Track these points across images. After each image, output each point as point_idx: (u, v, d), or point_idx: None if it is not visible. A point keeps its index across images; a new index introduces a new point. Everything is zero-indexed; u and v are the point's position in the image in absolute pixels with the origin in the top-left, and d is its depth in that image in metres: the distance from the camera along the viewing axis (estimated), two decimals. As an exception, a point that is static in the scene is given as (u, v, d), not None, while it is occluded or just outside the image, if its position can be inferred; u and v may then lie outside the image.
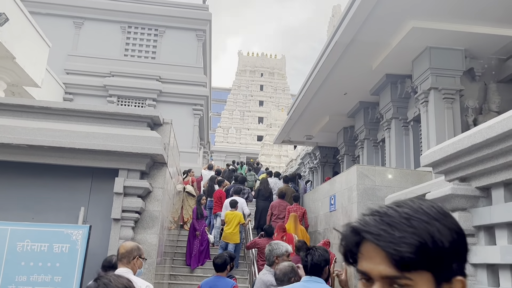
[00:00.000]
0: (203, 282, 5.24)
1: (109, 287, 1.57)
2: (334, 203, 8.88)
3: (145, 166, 6.19)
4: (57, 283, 5.12)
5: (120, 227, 6.06)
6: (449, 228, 0.73)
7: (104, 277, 1.64)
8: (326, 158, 15.61)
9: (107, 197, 6.19)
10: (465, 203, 3.54)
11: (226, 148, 43.58)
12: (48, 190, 6.22)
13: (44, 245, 5.23)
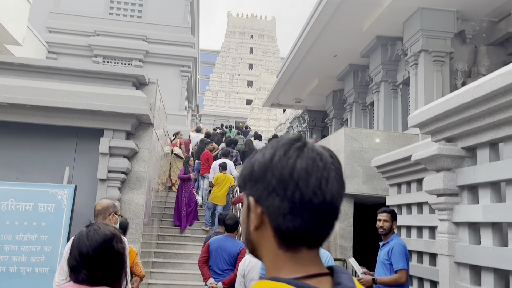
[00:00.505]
0: (212, 240, 5.19)
1: (98, 232, 1.71)
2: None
3: (130, 127, 6.10)
4: (43, 242, 5.12)
5: (106, 188, 6.03)
6: (257, 160, 0.81)
7: (94, 224, 1.78)
8: (314, 122, 15.61)
9: (92, 157, 6.11)
10: (450, 163, 3.55)
11: (215, 111, 43.33)
12: (32, 150, 6.12)
13: (28, 204, 5.19)
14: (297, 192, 0.75)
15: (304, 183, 0.75)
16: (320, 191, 0.75)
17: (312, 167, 0.76)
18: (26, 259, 5.05)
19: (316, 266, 0.77)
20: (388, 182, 6.31)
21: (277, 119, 32.54)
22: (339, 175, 0.79)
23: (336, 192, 0.77)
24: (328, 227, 0.79)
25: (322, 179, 0.76)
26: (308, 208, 0.75)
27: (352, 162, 7.65)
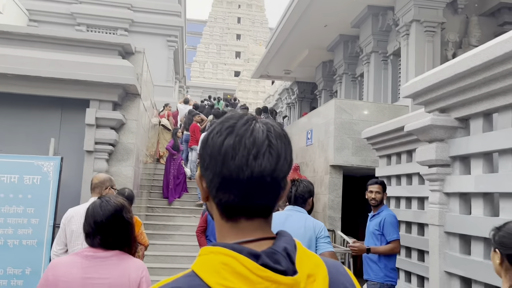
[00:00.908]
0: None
1: (110, 203, 1.97)
2: (311, 137, 8.90)
3: (117, 97, 5.94)
4: (30, 215, 5.03)
5: (93, 160, 5.92)
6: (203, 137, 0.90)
7: (106, 196, 2.04)
8: (303, 94, 15.49)
9: (78, 129, 5.97)
10: (443, 134, 3.52)
11: (202, 83, 42.78)
12: (16, 121, 5.95)
13: (13, 176, 5.07)
14: (225, 168, 0.78)
15: (230, 159, 0.78)
16: (246, 167, 0.78)
17: (239, 144, 0.78)
18: (13, 231, 4.97)
19: (258, 233, 0.81)
20: (378, 153, 6.32)
21: (266, 91, 32.33)
22: (274, 150, 0.80)
23: (267, 166, 0.79)
24: (263, 200, 0.81)
25: (250, 155, 0.78)
26: (236, 183, 0.78)
27: (342, 134, 7.63)
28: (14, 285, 4.88)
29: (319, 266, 0.83)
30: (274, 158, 0.80)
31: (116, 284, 1.83)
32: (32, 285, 4.90)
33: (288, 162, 0.83)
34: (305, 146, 9.23)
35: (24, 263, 4.95)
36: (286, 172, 0.83)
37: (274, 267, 0.74)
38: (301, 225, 2.90)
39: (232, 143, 0.79)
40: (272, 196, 0.82)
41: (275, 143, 0.80)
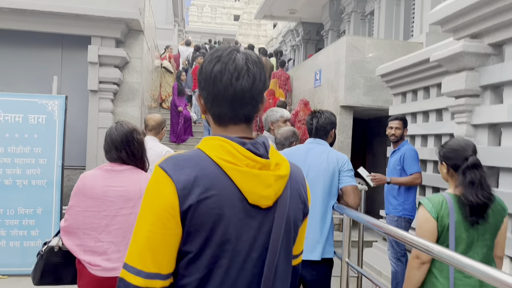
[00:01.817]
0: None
1: (123, 126, 2.35)
2: (320, 78, 8.64)
3: (120, 33, 5.64)
4: (38, 155, 4.91)
5: (98, 99, 5.73)
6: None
7: (120, 121, 2.41)
8: (309, 35, 14.95)
9: (81, 68, 5.73)
10: (474, 61, 3.30)
11: (201, 28, 41.54)
12: (16, 60, 5.68)
13: (18, 115, 4.89)
14: (215, 87, 1.06)
15: (218, 82, 1.05)
16: (231, 86, 1.04)
17: (224, 69, 1.05)
18: (21, 171, 4.87)
19: (242, 134, 1.09)
20: (392, 91, 6.11)
21: (268, 35, 31.43)
22: (251, 73, 1.06)
23: (246, 85, 1.05)
24: (244, 110, 1.08)
25: (232, 78, 1.04)
26: (224, 98, 1.06)
27: (353, 73, 7.36)
28: (26, 224, 4.86)
29: (284, 160, 1.12)
30: (251, 79, 1.06)
31: (130, 191, 2.26)
32: (44, 224, 4.89)
33: (262, 82, 1.09)
34: (313, 88, 8.99)
35: (35, 203, 4.89)
36: (261, 90, 1.10)
37: (254, 151, 1.04)
38: (324, 158, 2.75)
39: (219, 69, 1.05)
40: (252, 107, 1.09)
41: (252, 68, 1.07)
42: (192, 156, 1.04)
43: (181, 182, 0.98)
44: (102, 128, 5.67)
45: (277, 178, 1.06)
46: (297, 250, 1.22)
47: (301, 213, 1.16)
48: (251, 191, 1.03)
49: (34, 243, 4.87)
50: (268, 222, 1.06)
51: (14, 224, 4.84)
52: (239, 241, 1.02)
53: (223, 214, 1.00)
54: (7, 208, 4.81)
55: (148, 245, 0.99)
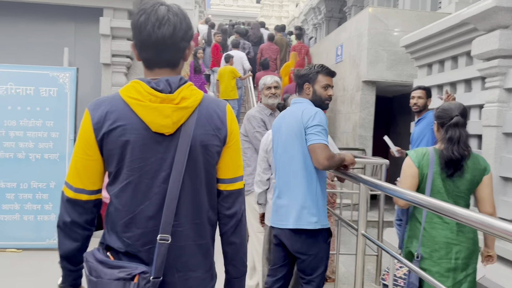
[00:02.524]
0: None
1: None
2: (341, 53, 8.31)
3: (131, 4, 5.47)
4: (50, 128, 4.84)
5: (111, 73, 5.59)
6: None
7: None
8: (331, 13, 14.49)
9: (93, 41, 5.59)
10: (509, 18, 2.98)
11: (222, 11, 41.14)
12: (27, 33, 5.60)
13: (29, 88, 4.82)
14: (140, 35, 1.26)
15: (143, 30, 1.24)
16: (153, 33, 1.24)
17: (147, 20, 1.24)
18: (33, 145, 4.82)
19: (165, 76, 1.29)
20: (417, 63, 5.76)
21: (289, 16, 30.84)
22: (171, 22, 1.24)
23: (166, 33, 1.24)
24: (167, 56, 1.28)
25: (154, 27, 1.23)
26: (148, 44, 1.26)
27: (376, 46, 7.02)
28: (39, 198, 4.82)
29: (196, 95, 1.28)
30: (171, 27, 1.24)
31: None
32: (58, 198, 4.82)
33: (183, 30, 1.26)
34: (335, 64, 8.66)
35: (48, 177, 4.84)
36: (183, 37, 1.27)
37: (155, 87, 1.24)
38: (296, 118, 2.45)
39: (143, 20, 1.23)
40: (174, 53, 1.27)
41: (172, 18, 1.24)
42: (108, 97, 1.28)
43: (95, 118, 1.25)
44: (116, 103, 5.56)
45: (176, 109, 1.24)
46: (223, 174, 1.37)
47: (213, 137, 1.31)
48: (151, 121, 1.23)
49: (47, 217, 4.83)
50: (173, 146, 1.26)
51: (27, 198, 4.80)
52: (147, 161, 1.25)
53: (128, 141, 1.24)
54: (20, 182, 4.78)
55: (75, 167, 1.29)
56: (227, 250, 1.40)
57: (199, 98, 1.29)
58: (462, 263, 2.26)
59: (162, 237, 1.23)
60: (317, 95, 2.51)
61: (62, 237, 1.32)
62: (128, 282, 1.18)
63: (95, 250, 1.29)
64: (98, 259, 1.25)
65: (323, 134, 2.36)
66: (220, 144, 1.33)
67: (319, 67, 2.57)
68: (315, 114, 2.38)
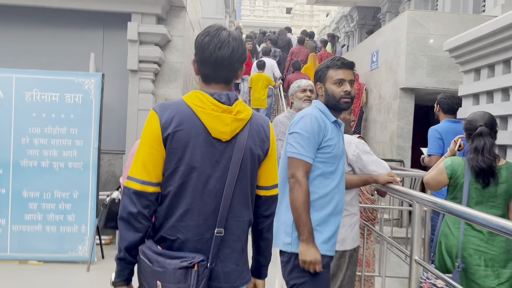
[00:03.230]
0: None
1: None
2: (377, 60, 7.92)
3: (160, 9, 5.30)
4: (74, 136, 4.68)
5: (138, 80, 5.43)
6: None
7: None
8: (364, 20, 14.08)
9: (121, 48, 5.46)
10: None
11: (253, 22, 41.29)
12: (55, 39, 5.52)
13: (54, 95, 4.68)
14: (203, 54, 1.45)
15: (205, 50, 1.43)
16: (214, 54, 1.42)
17: (210, 42, 1.43)
18: (57, 153, 4.67)
19: (220, 91, 1.46)
20: (463, 68, 5.32)
21: (320, 26, 30.54)
22: (230, 46, 1.43)
23: (225, 54, 1.42)
24: (224, 73, 1.46)
25: (216, 48, 1.42)
26: (208, 62, 1.45)
27: (415, 51, 6.60)
28: (62, 209, 4.65)
29: (248, 110, 1.48)
30: (230, 50, 1.43)
31: None
32: (81, 209, 4.65)
33: (240, 53, 1.46)
34: (369, 71, 8.27)
35: (71, 187, 4.67)
36: (238, 59, 1.46)
37: (218, 99, 1.42)
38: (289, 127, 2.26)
39: (206, 41, 1.44)
40: (229, 71, 1.47)
41: (231, 42, 1.44)
42: (174, 102, 1.45)
43: (163, 118, 1.40)
44: (142, 110, 5.38)
45: (234, 120, 1.41)
46: (263, 182, 1.55)
47: (259, 148, 1.49)
48: (213, 127, 1.40)
49: (70, 228, 4.65)
50: (228, 151, 1.43)
51: (50, 208, 4.64)
52: (205, 162, 1.41)
53: (190, 142, 1.40)
54: (43, 191, 4.62)
55: (142, 162, 1.41)
56: (261, 244, 1.61)
57: (251, 113, 1.48)
58: (496, 270, 2.30)
59: (218, 231, 1.42)
60: (329, 94, 2.13)
61: (126, 229, 1.41)
62: (190, 270, 1.34)
63: (148, 243, 1.43)
64: (156, 252, 1.39)
65: (300, 145, 2.02)
66: (263, 154, 1.51)
67: (329, 60, 2.20)
68: (300, 120, 2.07)
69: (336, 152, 2.06)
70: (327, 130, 2.05)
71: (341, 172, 2.11)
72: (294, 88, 3.54)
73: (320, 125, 2.03)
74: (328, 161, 2.05)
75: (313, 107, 2.18)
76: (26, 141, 4.62)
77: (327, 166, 2.05)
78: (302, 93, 3.47)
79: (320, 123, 2.04)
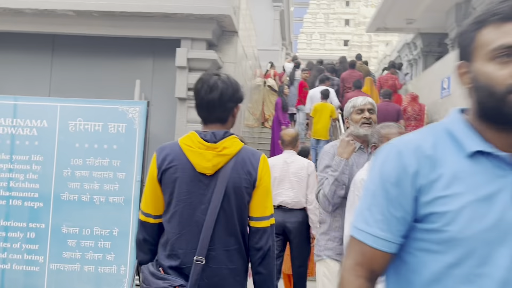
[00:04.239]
0: None
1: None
2: (448, 86, 7.13)
3: (211, 34, 5.00)
4: (116, 168, 4.35)
5: (187, 108, 5.10)
6: None
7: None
8: (429, 47, 13.23)
9: (170, 75, 5.19)
10: None
11: (309, 55, 41.12)
12: (104, 68, 5.37)
13: (98, 124, 4.41)
14: (197, 99, 1.71)
15: (198, 95, 1.69)
16: (205, 97, 1.66)
17: (201, 87, 1.67)
18: (99, 186, 4.34)
19: (215, 130, 1.68)
20: None
21: (378, 57, 29.73)
22: (218, 89, 1.65)
23: (215, 97, 1.65)
24: (217, 114, 1.69)
25: (206, 93, 1.66)
26: (202, 106, 1.70)
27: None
28: (101, 247, 4.28)
29: (236, 145, 1.65)
30: (219, 92, 1.65)
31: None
32: (120, 248, 4.25)
33: (229, 94, 1.67)
34: (439, 99, 7.47)
35: (111, 223, 4.31)
36: (229, 99, 1.68)
37: (204, 138, 1.64)
38: None
39: (199, 87, 1.69)
40: (222, 111, 1.69)
41: (220, 85, 1.65)
42: (171, 143, 1.72)
43: (160, 159, 1.66)
44: (190, 141, 5.01)
45: (216, 155, 1.62)
46: (253, 213, 1.69)
47: (244, 180, 1.64)
48: (197, 163, 1.63)
49: (109, 269, 4.25)
50: (213, 184, 1.63)
51: (89, 245, 4.29)
52: (191, 195, 1.64)
53: (178, 177, 1.64)
54: (83, 228, 4.30)
55: (145, 196, 1.73)
56: (255, 278, 1.72)
57: (238, 148, 1.66)
58: None
59: (197, 259, 1.59)
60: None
61: (138, 250, 1.76)
62: None
63: (149, 264, 1.68)
64: (150, 271, 1.64)
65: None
66: (250, 186, 1.65)
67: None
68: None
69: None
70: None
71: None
72: (348, 110, 2.70)
73: None
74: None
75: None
76: (68, 173, 4.35)
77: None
78: (358, 115, 2.62)
79: None
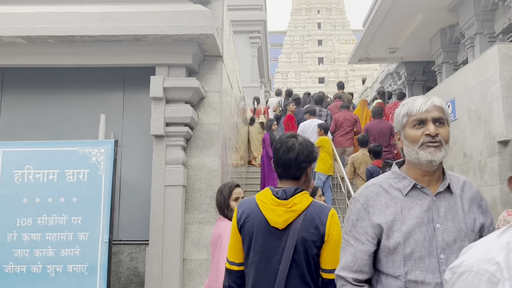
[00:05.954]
0: None
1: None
2: (453, 111, 6.48)
3: (191, 59, 4.21)
4: (77, 227, 3.39)
5: (165, 147, 4.21)
6: None
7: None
8: (413, 76, 12.83)
9: (145, 109, 4.34)
10: None
11: (286, 92, 41.22)
12: (62, 105, 4.47)
13: (52, 172, 3.48)
14: (275, 157, 1.83)
15: (277, 155, 1.81)
16: (283, 157, 1.79)
17: (280, 148, 1.81)
18: (54, 252, 3.36)
19: (289, 186, 1.80)
20: None
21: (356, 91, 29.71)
22: (295, 150, 1.78)
23: (292, 157, 1.77)
24: (292, 171, 1.80)
25: (284, 153, 1.79)
26: (279, 164, 1.81)
27: (513, 94, 5.16)
28: (57, 334, 3.26)
29: (305, 201, 1.75)
30: (295, 154, 1.77)
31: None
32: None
33: (305, 155, 1.79)
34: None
35: (71, 300, 3.32)
36: (304, 160, 1.79)
37: (275, 195, 1.76)
38: None
39: (278, 147, 1.82)
40: (296, 170, 1.79)
41: (297, 147, 1.79)
42: (249, 198, 1.87)
43: (239, 213, 1.83)
44: (171, 187, 4.10)
45: (286, 211, 1.73)
46: (323, 265, 1.73)
47: (313, 235, 1.71)
48: (270, 218, 1.75)
49: None
50: (285, 237, 1.73)
51: (42, 332, 3.27)
52: (266, 247, 1.74)
53: (254, 231, 1.77)
54: (33, 308, 3.29)
55: (230, 246, 1.87)
56: None
57: (307, 204, 1.75)
58: None
59: None
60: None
61: None
62: None
63: None
64: None
65: None
66: (319, 240, 1.71)
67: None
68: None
69: None
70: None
71: None
72: (399, 119, 1.54)
73: None
74: None
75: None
76: (12, 237, 3.36)
77: None
78: (417, 130, 1.49)
79: None
